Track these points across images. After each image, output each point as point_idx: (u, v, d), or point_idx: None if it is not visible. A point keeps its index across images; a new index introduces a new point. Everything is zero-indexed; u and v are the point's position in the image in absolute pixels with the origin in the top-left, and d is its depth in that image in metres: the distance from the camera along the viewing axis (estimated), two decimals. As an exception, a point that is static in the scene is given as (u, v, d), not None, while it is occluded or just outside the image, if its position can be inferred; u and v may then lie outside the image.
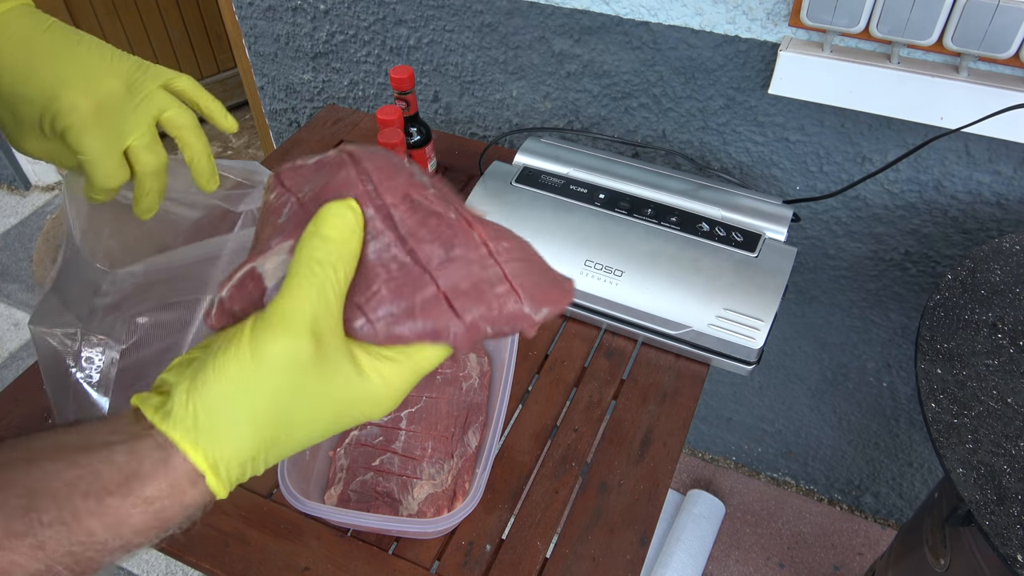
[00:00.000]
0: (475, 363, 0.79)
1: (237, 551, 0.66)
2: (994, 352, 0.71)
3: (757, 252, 0.81)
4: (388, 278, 0.33)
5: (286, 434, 0.32)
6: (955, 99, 0.85)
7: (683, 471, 1.57)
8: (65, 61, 0.46)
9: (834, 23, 0.84)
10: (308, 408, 0.31)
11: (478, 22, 1.12)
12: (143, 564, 1.48)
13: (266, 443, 0.31)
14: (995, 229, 0.98)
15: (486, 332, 0.34)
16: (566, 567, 0.65)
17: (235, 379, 0.30)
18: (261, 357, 0.30)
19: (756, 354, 0.77)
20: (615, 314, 0.82)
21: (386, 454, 0.71)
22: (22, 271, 2.08)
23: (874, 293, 1.13)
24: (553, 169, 0.92)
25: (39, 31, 0.46)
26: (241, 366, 0.30)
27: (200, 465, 0.30)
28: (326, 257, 0.31)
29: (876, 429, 1.31)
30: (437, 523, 0.60)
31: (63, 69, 0.45)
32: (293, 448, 0.33)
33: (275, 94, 1.45)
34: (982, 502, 0.60)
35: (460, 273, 0.33)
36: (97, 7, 2.19)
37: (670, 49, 1.01)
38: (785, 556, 1.44)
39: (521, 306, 0.34)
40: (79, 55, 0.46)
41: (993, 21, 0.77)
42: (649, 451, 0.74)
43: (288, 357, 0.30)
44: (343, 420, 0.33)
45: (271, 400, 0.31)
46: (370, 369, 0.32)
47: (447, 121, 1.29)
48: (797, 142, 1.02)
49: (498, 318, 0.34)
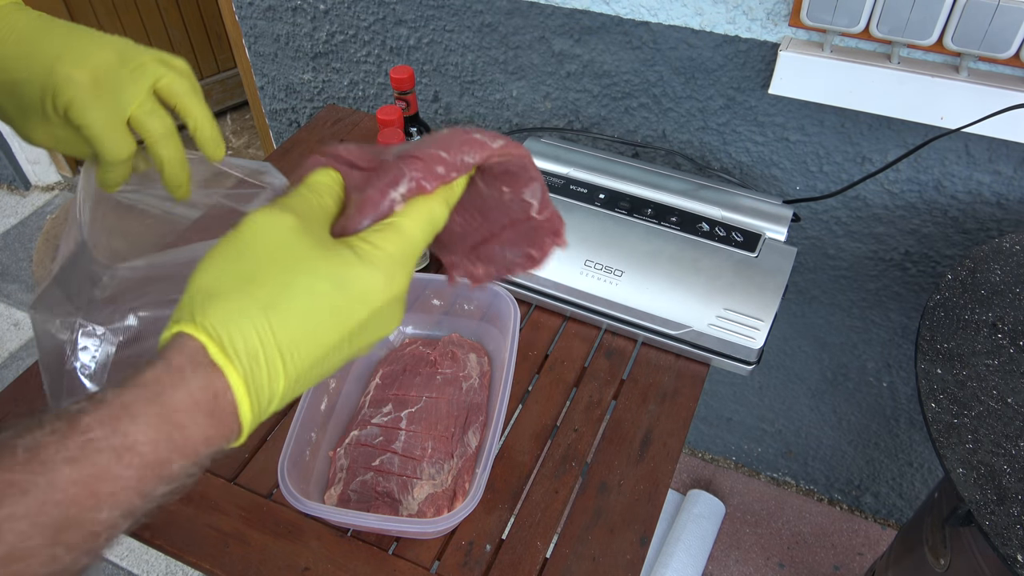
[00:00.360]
0: (475, 363, 0.79)
1: (237, 551, 0.66)
2: (994, 352, 0.71)
3: (757, 252, 0.81)
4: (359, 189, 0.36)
5: (280, 293, 0.30)
6: (955, 99, 0.85)
7: (683, 471, 1.57)
8: (58, 40, 0.46)
9: (834, 23, 0.84)
10: (317, 292, 0.30)
11: (478, 22, 1.12)
12: (143, 564, 1.48)
13: (259, 299, 0.29)
14: (995, 229, 0.98)
15: (442, 157, 0.36)
16: (566, 567, 0.65)
17: (221, 254, 0.30)
18: (243, 227, 0.31)
19: (756, 354, 0.77)
20: (615, 314, 0.82)
21: (386, 454, 0.71)
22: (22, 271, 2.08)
23: (874, 293, 1.13)
24: (553, 169, 0.92)
25: (30, 20, 0.47)
26: (227, 243, 0.31)
27: (201, 337, 0.28)
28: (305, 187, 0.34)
29: (876, 429, 1.31)
30: (437, 523, 0.60)
31: (57, 47, 0.46)
32: (299, 320, 0.30)
33: (275, 94, 1.45)
34: (982, 502, 0.60)
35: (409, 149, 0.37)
36: (97, 7, 2.20)
37: (670, 49, 1.01)
38: (785, 556, 1.44)
39: (471, 133, 0.37)
40: (71, 34, 0.47)
41: (993, 21, 0.77)
42: (649, 451, 0.74)
43: (269, 221, 0.31)
44: (357, 307, 0.31)
45: (264, 263, 0.30)
46: (363, 244, 0.32)
47: (447, 121, 1.29)
48: (797, 142, 1.02)
49: (450, 141, 0.36)
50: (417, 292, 0.82)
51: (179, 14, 2.37)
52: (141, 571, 1.48)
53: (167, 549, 0.67)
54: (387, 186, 0.35)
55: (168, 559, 1.50)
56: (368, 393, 0.77)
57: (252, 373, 0.29)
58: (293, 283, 0.30)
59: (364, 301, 0.32)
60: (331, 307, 0.31)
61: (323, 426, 0.72)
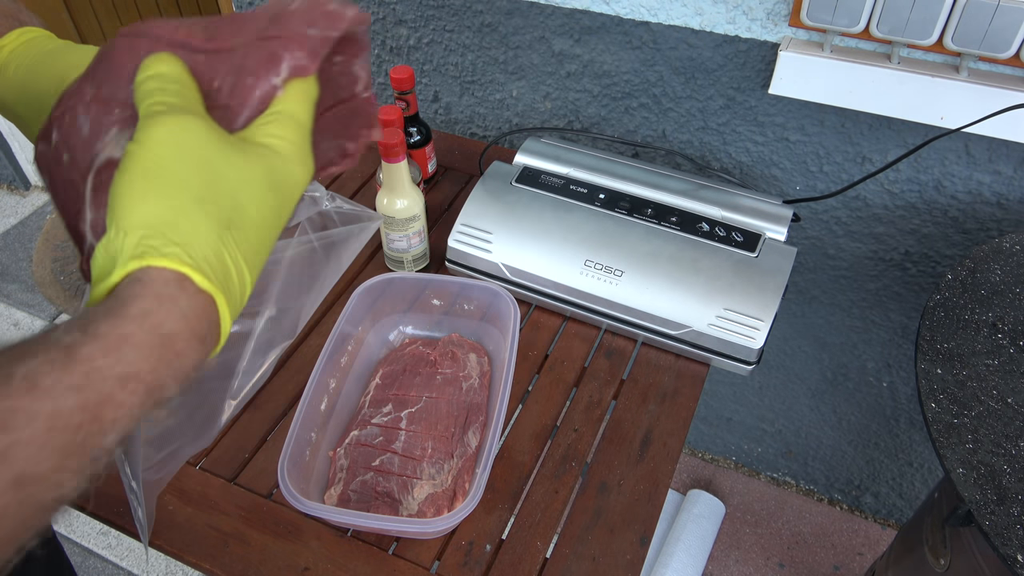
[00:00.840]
0: (475, 363, 0.79)
1: (237, 551, 0.66)
2: (994, 352, 0.71)
3: (757, 252, 0.81)
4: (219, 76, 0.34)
5: (233, 210, 0.31)
6: (955, 99, 0.85)
7: (683, 471, 1.57)
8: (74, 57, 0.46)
9: (834, 23, 0.84)
10: (261, 200, 0.32)
11: (478, 22, 1.12)
12: (143, 564, 1.48)
13: (219, 220, 0.31)
14: (995, 229, 0.98)
15: (311, 35, 0.34)
16: (566, 567, 0.65)
17: (152, 174, 0.30)
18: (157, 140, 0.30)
19: (756, 354, 0.77)
20: (615, 314, 0.82)
21: (386, 454, 0.71)
22: (22, 271, 2.08)
23: (874, 293, 1.13)
24: (553, 169, 0.92)
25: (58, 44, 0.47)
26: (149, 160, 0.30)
27: (183, 269, 0.29)
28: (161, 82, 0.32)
29: (876, 429, 1.31)
30: (437, 523, 0.60)
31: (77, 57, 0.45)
32: (255, 226, 0.32)
33: (275, 94, 1.44)
34: (982, 502, 0.60)
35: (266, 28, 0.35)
36: (97, 7, 2.20)
37: (670, 49, 1.01)
38: (785, 556, 1.44)
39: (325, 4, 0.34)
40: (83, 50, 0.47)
41: (993, 21, 0.77)
42: (649, 451, 0.74)
43: (182, 127, 0.31)
44: (278, 187, 0.33)
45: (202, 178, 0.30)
46: (274, 140, 0.33)
47: (447, 121, 1.29)
48: (797, 142, 1.02)
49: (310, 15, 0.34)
50: (417, 292, 0.82)
51: (179, 14, 2.37)
52: (141, 571, 1.48)
53: (167, 549, 0.67)
54: (266, 72, 0.33)
55: (168, 559, 1.50)
56: (368, 393, 0.77)
57: (228, 291, 0.31)
58: (240, 196, 0.32)
59: (294, 194, 0.34)
60: (273, 208, 0.33)
61: (323, 426, 0.72)
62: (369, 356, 0.81)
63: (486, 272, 0.87)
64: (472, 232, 0.87)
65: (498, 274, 0.87)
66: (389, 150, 0.79)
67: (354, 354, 0.79)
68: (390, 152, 0.79)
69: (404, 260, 0.90)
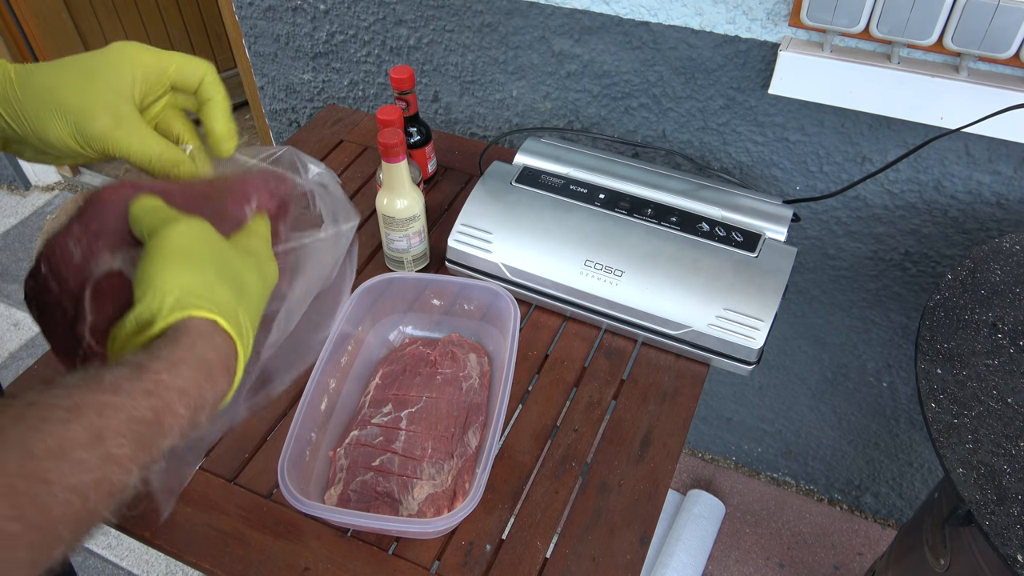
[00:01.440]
0: (475, 363, 0.79)
1: (237, 551, 0.66)
2: (994, 352, 0.71)
3: (757, 252, 0.81)
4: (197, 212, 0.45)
5: (241, 286, 0.41)
6: (955, 99, 0.85)
7: (683, 471, 1.57)
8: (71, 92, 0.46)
9: (834, 23, 0.84)
10: (239, 264, 0.42)
11: (478, 22, 1.12)
12: (143, 564, 1.48)
13: (232, 290, 0.40)
14: (995, 229, 0.98)
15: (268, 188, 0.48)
16: (566, 567, 0.65)
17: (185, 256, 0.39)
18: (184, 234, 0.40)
19: (756, 354, 0.77)
20: (615, 314, 0.82)
21: (386, 454, 0.71)
22: (22, 271, 2.08)
23: (874, 293, 1.13)
24: (553, 169, 0.92)
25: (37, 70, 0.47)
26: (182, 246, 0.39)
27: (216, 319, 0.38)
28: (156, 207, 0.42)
29: (876, 429, 1.31)
30: (437, 523, 0.60)
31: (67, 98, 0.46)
32: (255, 300, 0.43)
33: (275, 94, 1.45)
34: (982, 502, 0.60)
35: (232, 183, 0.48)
36: (97, 7, 2.20)
37: (670, 49, 1.01)
38: (785, 556, 1.44)
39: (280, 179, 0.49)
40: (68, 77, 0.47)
41: (993, 21, 0.77)
42: (649, 451, 0.74)
43: (201, 229, 0.41)
44: (264, 277, 0.44)
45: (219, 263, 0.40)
46: (255, 245, 0.45)
47: (447, 121, 1.29)
48: (797, 142, 1.02)
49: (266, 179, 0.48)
50: (417, 292, 0.82)
51: (179, 14, 2.37)
52: (141, 571, 1.48)
53: (167, 549, 0.67)
54: (242, 203, 0.46)
55: (168, 559, 1.50)
56: (368, 393, 0.77)
57: (243, 338, 0.40)
58: (245, 280, 0.42)
59: (272, 283, 0.46)
60: (261, 291, 0.45)
61: (323, 426, 0.72)
62: (369, 356, 0.81)
63: (486, 272, 0.87)
64: (472, 232, 0.87)
65: (498, 274, 0.87)
66: (389, 150, 0.79)
67: (354, 354, 0.79)
68: (390, 152, 0.79)
69: (404, 260, 0.90)
